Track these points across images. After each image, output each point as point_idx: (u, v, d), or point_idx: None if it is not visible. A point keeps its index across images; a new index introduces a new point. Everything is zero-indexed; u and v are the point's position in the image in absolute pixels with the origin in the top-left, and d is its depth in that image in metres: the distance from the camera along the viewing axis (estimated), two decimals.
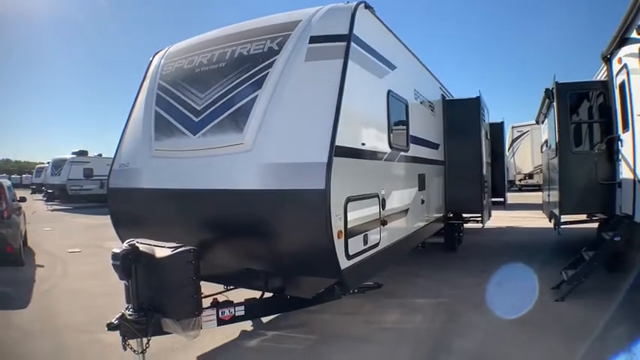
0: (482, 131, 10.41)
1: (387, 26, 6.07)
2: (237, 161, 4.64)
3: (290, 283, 5.08)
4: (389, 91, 5.88)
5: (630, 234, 6.53)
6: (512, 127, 28.48)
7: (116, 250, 4.07)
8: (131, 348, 4.10)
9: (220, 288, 5.56)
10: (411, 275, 8.25)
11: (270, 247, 4.59)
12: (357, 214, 4.72)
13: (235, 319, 4.85)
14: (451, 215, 10.22)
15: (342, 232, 4.37)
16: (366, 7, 5.19)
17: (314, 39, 4.76)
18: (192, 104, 5.20)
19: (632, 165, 6.50)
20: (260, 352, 5.16)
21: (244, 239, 4.80)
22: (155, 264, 4.03)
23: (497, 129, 13.23)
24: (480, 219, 10.58)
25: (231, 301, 4.95)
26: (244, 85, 4.84)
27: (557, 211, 8.52)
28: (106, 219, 6.07)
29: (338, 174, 4.25)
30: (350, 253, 4.50)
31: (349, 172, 4.66)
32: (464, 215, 10.87)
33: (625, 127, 6.83)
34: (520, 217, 16.56)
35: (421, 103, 7.90)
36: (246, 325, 5.67)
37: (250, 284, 5.35)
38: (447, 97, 10.24)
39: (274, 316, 5.97)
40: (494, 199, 13.04)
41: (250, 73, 4.86)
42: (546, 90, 9.04)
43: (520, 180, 29.76)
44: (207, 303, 4.75)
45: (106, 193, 6.21)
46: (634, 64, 6.36)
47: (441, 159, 9.37)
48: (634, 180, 6.39)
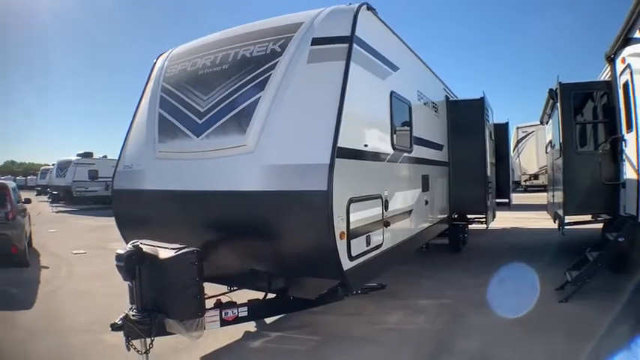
0: (487, 132, 10.39)
1: (389, 27, 6.08)
2: (239, 163, 4.66)
3: (293, 284, 5.08)
4: (392, 93, 5.88)
5: (634, 234, 6.50)
6: (517, 128, 28.42)
7: (120, 252, 4.10)
8: (135, 348, 4.13)
9: (224, 289, 5.58)
10: (415, 276, 8.25)
11: (273, 248, 4.61)
12: (360, 215, 4.73)
13: (238, 319, 4.87)
14: (455, 216, 10.21)
15: (345, 233, 4.38)
16: (369, 8, 5.21)
17: (316, 41, 4.78)
18: (195, 106, 5.23)
19: (636, 165, 6.48)
20: (263, 353, 5.18)
21: (247, 240, 4.82)
22: (159, 265, 4.05)
23: (501, 129, 13.22)
24: (484, 220, 10.57)
25: (235, 302, 4.97)
26: (247, 87, 4.86)
27: (561, 212, 8.51)
28: (111, 220, 6.10)
29: (340, 175, 4.26)
30: (352, 254, 4.51)
31: (351, 174, 4.67)
32: (468, 216, 10.86)
33: (629, 128, 6.81)
34: (525, 217, 16.51)
35: (424, 104, 7.90)
36: (250, 326, 5.69)
37: (253, 285, 5.36)
38: (451, 98, 10.23)
39: (277, 317, 5.97)
40: (498, 199, 13.02)
41: (253, 75, 4.88)
42: (550, 90, 9.03)
43: (525, 181, 29.68)
44: (210, 304, 4.78)
45: (111, 194, 6.26)
46: (637, 64, 6.35)
47: (445, 160, 9.36)
48: (638, 180, 6.37)
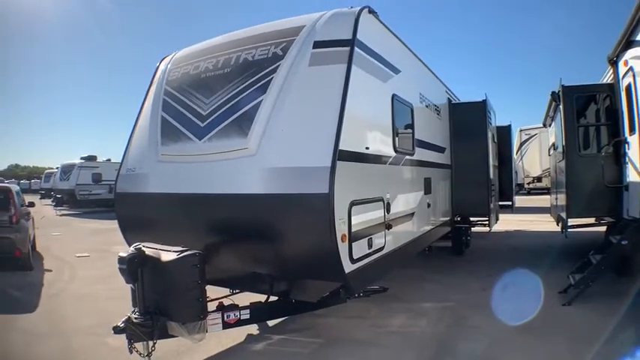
0: (489, 134, 10.38)
1: (391, 30, 6.09)
2: (241, 166, 4.68)
3: (295, 286, 5.09)
4: (393, 95, 5.89)
5: (638, 237, 6.47)
6: (521, 130, 28.33)
7: (122, 254, 4.13)
8: (137, 351, 4.15)
9: (226, 292, 5.59)
10: (418, 279, 8.24)
11: (275, 250, 4.61)
12: (362, 217, 4.73)
13: (241, 322, 4.89)
14: (458, 219, 10.20)
15: (346, 235, 4.38)
16: (370, 11, 5.23)
17: (318, 44, 4.80)
18: (197, 109, 5.25)
19: (639, 168, 6.45)
20: (266, 356, 5.17)
21: (249, 243, 4.83)
22: (161, 268, 4.08)
23: (504, 132, 13.20)
24: (487, 222, 10.55)
25: (237, 305, 4.98)
26: (249, 91, 4.89)
27: (564, 215, 8.48)
28: (115, 223, 6.13)
29: (342, 178, 4.26)
30: (354, 256, 4.51)
31: (353, 176, 4.68)
32: (471, 219, 10.84)
33: (632, 130, 6.79)
34: (528, 220, 16.47)
35: (427, 106, 7.90)
36: (252, 329, 5.69)
37: (256, 288, 5.38)
38: (453, 101, 10.23)
39: (280, 320, 5.98)
40: (501, 202, 12.99)
41: (255, 78, 4.91)
42: (553, 93, 9.03)
43: (528, 183, 29.56)
44: (212, 307, 4.80)
45: (114, 197, 6.28)
46: None
47: (448, 162, 9.36)
48: None
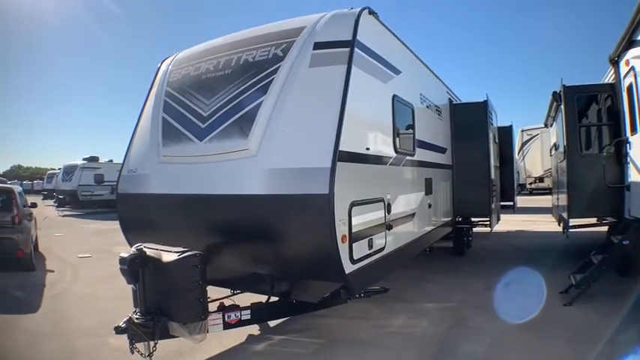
0: (490, 135, 10.37)
1: (391, 31, 6.09)
2: (242, 167, 4.69)
3: (296, 287, 5.10)
4: (394, 96, 5.89)
5: (639, 237, 6.47)
6: (522, 131, 28.30)
7: (124, 255, 4.14)
8: (138, 351, 4.17)
9: (227, 292, 5.60)
10: (420, 280, 8.24)
11: (276, 251, 4.62)
12: (362, 218, 4.74)
13: (241, 323, 4.91)
14: (460, 219, 10.19)
15: (347, 236, 4.38)
16: (370, 12, 5.23)
17: (318, 45, 4.81)
18: (198, 111, 5.27)
19: None
20: (267, 356, 5.18)
21: (250, 243, 4.84)
22: (162, 268, 4.09)
23: (505, 132, 13.18)
24: (489, 223, 10.55)
25: (238, 305, 4.99)
26: (249, 92, 4.90)
27: (565, 215, 8.47)
28: (117, 224, 6.14)
29: (342, 179, 4.27)
30: (354, 257, 4.52)
31: (353, 177, 4.68)
32: (472, 219, 10.83)
33: (633, 130, 6.78)
34: (530, 220, 16.45)
35: (427, 107, 7.90)
36: (254, 329, 5.70)
37: (256, 288, 5.39)
38: (454, 101, 10.22)
39: (281, 320, 6.00)
40: (503, 202, 12.97)
41: (255, 79, 4.92)
42: (554, 93, 9.02)
43: (530, 183, 29.53)
44: (213, 307, 4.82)
45: (115, 198, 6.31)
46: None
47: (449, 163, 9.36)
48: None
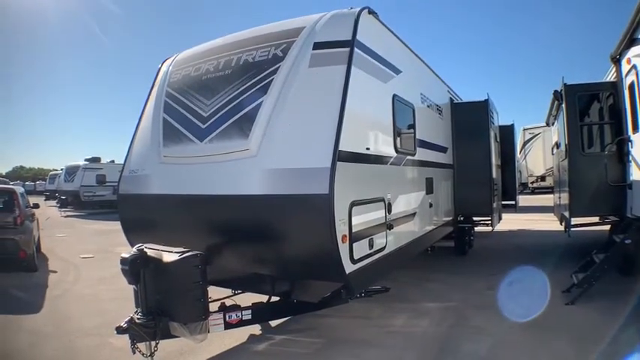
0: (492, 134, 10.36)
1: (391, 31, 6.09)
2: (242, 167, 4.69)
3: (296, 287, 5.11)
4: (394, 96, 5.89)
5: None
6: (524, 130, 28.27)
7: (125, 255, 4.15)
8: (140, 351, 4.18)
9: (228, 292, 5.61)
10: (421, 279, 8.23)
11: (276, 251, 4.63)
12: (362, 218, 4.74)
13: (242, 322, 4.92)
14: (461, 219, 10.18)
15: (347, 236, 4.39)
16: (370, 12, 5.23)
17: (318, 45, 4.81)
18: (198, 111, 5.27)
19: None
20: (268, 356, 5.19)
21: (250, 244, 4.84)
22: (163, 268, 4.10)
23: (507, 131, 13.16)
24: (490, 222, 10.53)
25: (239, 305, 5.00)
26: (249, 92, 4.90)
27: (567, 214, 8.45)
28: (119, 225, 6.15)
29: (342, 179, 4.27)
30: (355, 257, 4.52)
31: (353, 177, 4.68)
32: (474, 219, 10.82)
33: (635, 128, 6.75)
34: (532, 219, 16.41)
35: (428, 106, 7.89)
36: (255, 329, 5.71)
37: (257, 288, 5.40)
38: (455, 100, 10.21)
39: (283, 320, 6.00)
40: (505, 202, 12.95)
41: (255, 79, 4.92)
42: (555, 92, 8.99)
43: (532, 182, 29.52)
44: (215, 307, 4.82)
45: (116, 199, 6.32)
46: None
47: (450, 162, 9.35)
48: None
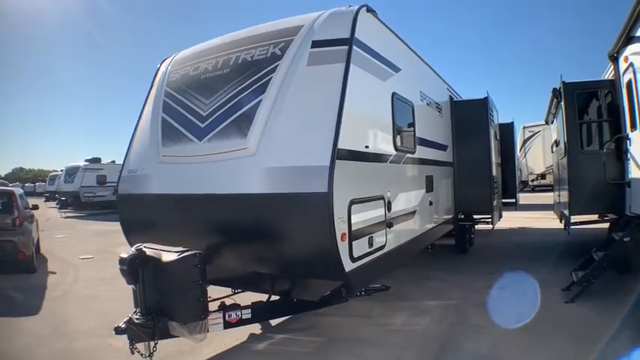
0: (491, 132, 10.36)
1: (390, 29, 6.08)
2: (241, 166, 4.69)
3: (296, 285, 5.10)
4: (393, 94, 5.88)
5: None
6: (524, 128, 28.28)
7: (123, 255, 4.15)
8: (139, 351, 4.17)
9: (228, 291, 5.61)
10: (421, 277, 8.23)
11: (275, 250, 4.63)
12: (362, 216, 4.74)
13: (242, 322, 4.90)
14: (461, 217, 10.18)
15: (346, 234, 4.38)
16: (368, 10, 5.22)
17: (316, 43, 4.80)
18: (197, 110, 5.27)
19: None
20: (268, 355, 5.18)
21: (250, 243, 4.84)
22: (162, 268, 4.10)
23: (506, 129, 13.16)
24: (491, 220, 10.53)
25: (238, 305, 4.99)
26: (248, 91, 4.90)
27: (566, 212, 8.45)
28: (119, 225, 6.14)
29: (341, 177, 4.27)
30: (354, 255, 4.52)
31: (352, 175, 4.68)
32: (474, 217, 10.82)
33: (633, 126, 6.74)
34: (532, 217, 16.42)
35: (428, 104, 7.89)
36: (255, 329, 5.71)
37: (257, 287, 5.40)
38: (455, 98, 10.21)
39: (283, 319, 5.99)
40: (505, 199, 12.95)
41: (254, 78, 4.92)
42: (554, 90, 8.97)
43: (533, 180, 29.52)
44: (214, 306, 4.82)
45: (116, 199, 6.31)
46: None
47: (450, 160, 9.34)
48: None
